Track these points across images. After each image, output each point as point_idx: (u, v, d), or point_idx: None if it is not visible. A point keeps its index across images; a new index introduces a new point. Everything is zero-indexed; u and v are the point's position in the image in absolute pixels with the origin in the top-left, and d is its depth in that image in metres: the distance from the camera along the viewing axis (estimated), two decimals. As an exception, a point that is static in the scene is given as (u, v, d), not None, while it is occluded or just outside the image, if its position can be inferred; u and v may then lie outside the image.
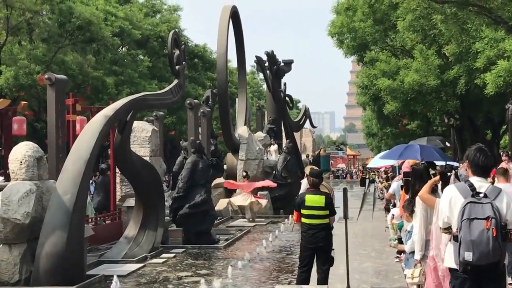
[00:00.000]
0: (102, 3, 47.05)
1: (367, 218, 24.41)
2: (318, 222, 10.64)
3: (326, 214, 10.69)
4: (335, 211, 10.98)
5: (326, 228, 10.76)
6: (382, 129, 57.88)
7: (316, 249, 10.69)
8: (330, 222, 10.87)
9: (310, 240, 10.65)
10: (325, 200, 10.71)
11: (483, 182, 6.16)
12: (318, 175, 11.19)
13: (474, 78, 26.61)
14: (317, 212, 10.63)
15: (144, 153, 18.74)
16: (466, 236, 5.81)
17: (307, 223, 10.70)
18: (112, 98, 35.75)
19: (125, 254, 15.61)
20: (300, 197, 10.96)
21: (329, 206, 10.74)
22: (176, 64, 18.63)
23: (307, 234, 10.70)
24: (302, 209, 10.71)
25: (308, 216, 10.66)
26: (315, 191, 10.89)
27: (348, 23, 34.05)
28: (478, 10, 16.48)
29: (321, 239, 10.63)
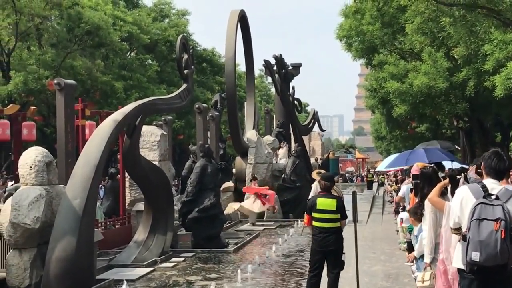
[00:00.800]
0: (110, 8, 47.22)
1: (377, 221, 24.38)
2: (329, 225, 10.61)
3: (337, 218, 10.65)
4: (346, 215, 10.93)
5: (337, 232, 10.71)
6: (391, 132, 57.75)
7: (326, 253, 10.65)
8: (341, 226, 10.81)
9: (321, 244, 10.62)
10: (337, 203, 10.67)
11: (496, 185, 6.17)
12: (330, 178, 11.16)
13: (483, 81, 26.53)
14: (328, 215, 10.60)
15: (153, 158, 18.75)
16: (474, 237, 5.83)
17: (318, 226, 10.67)
18: (121, 102, 35.90)
19: (134, 259, 15.64)
20: (312, 201, 10.93)
21: (340, 210, 10.69)
22: (184, 69, 18.68)
23: (318, 238, 10.67)
24: (313, 212, 10.68)
25: (319, 220, 10.64)
26: (326, 194, 10.86)
27: (357, 26, 34.01)
28: (487, 13, 16.43)
29: (332, 242, 10.59)
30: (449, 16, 17.24)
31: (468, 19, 16.74)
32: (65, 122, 16.11)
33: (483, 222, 5.79)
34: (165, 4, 59.89)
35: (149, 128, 19.98)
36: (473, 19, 16.72)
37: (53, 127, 35.16)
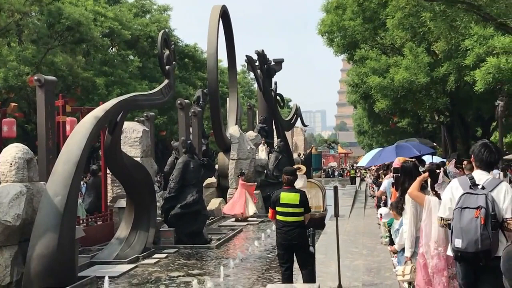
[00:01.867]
0: (91, 3, 46.97)
1: (359, 216, 24.47)
2: (293, 219, 10.72)
3: (301, 212, 10.76)
4: (309, 209, 11.08)
5: (301, 226, 10.81)
6: (373, 127, 58.07)
7: (292, 247, 10.75)
8: (305, 220, 10.90)
9: (285, 237, 10.73)
10: (300, 197, 10.79)
11: (484, 175, 6.34)
12: (292, 172, 11.29)
13: (464, 75, 26.72)
14: (292, 209, 10.71)
15: (135, 154, 18.70)
16: (456, 224, 6.07)
17: (282, 220, 10.77)
18: (102, 98, 35.72)
19: (116, 255, 15.58)
20: (275, 195, 11.04)
21: (304, 204, 10.82)
22: (166, 64, 18.62)
23: (281, 231, 10.79)
24: (277, 207, 10.80)
25: (283, 214, 10.74)
26: (290, 188, 10.98)
27: (338, 22, 34.11)
28: (467, 8, 16.48)
29: (295, 236, 10.69)
30: (429, 11, 17.29)
31: (448, 14, 16.78)
32: (45, 118, 16.03)
33: (465, 210, 6.03)
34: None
35: (131, 124, 19.92)
36: (453, 14, 16.76)
37: (34, 123, 34.95)
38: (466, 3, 16.27)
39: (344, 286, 10.91)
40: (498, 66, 22.25)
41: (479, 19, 16.98)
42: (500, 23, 16.33)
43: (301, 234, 10.81)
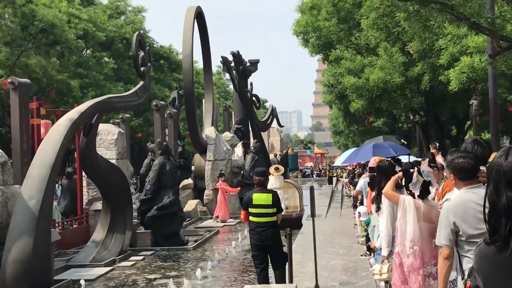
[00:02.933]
0: (65, 5, 46.66)
1: (335, 216, 24.53)
2: (266, 220, 10.76)
3: (273, 212, 10.81)
4: (282, 209, 11.13)
5: (274, 226, 10.86)
6: (348, 127, 58.25)
7: (266, 247, 10.78)
8: (278, 220, 10.94)
9: (259, 238, 10.76)
10: (272, 198, 10.85)
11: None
12: (263, 173, 11.37)
13: (438, 75, 26.91)
14: (264, 210, 10.75)
15: (110, 156, 18.63)
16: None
17: (255, 221, 10.80)
18: (77, 101, 35.49)
19: (93, 258, 15.51)
20: (247, 196, 11.06)
21: (276, 204, 10.88)
22: (141, 66, 18.57)
23: (255, 232, 10.82)
24: (250, 208, 10.83)
25: (256, 215, 10.78)
26: (262, 189, 11.03)
27: (313, 22, 34.17)
28: (441, 7, 16.56)
29: (269, 237, 10.73)
30: (403, 11, 17.33)
31: (422, 14, 16.85)
32: (20, 121, 15.92)
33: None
34: (121, 1, 59.42)
35: (106, 127, 19.84)
36: (427, 14, 16.83)
37: (8, 126, 34.67)
38: (440, 3, 16.36)
39: (321, 286, 10.93)
40: (471, 65, 22.43)
41: (452, 18, 17.06)
42: (473, 23, 16.42)
43: (275, 234, 10.85)
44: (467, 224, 5.14)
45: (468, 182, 5.38)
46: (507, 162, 2.69)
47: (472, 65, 22.44)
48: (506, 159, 2.70)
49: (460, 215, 5.18)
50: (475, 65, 22.46)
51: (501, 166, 2.69)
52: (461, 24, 17.82)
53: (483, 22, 16.44)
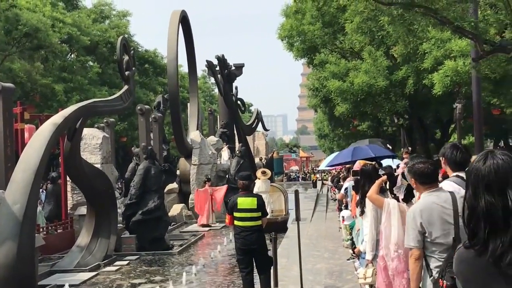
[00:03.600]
0: (49, 9, 46.48)
1: (320, 219, 24.56)
2: (251, 224, 10.76)
3: (258, 216, 10.81)
4: (267, 213, 11.13)
5: (259, 230, 10.86)
6: (333, 130, 58.32)
7: (250, 251, 10.77)
8: (263, 224, 10.93)
9: (244, 242, 10.76)
10: (257, 202, 10.84)
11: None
12: (248, 177, 11.34)
13: (422, 78, 27.03)
14: (249, 214, 10.74)
15: (95, 161, 18.56)
16: None
17: (240, 225, 10.80)
18: (61, 105, 35.36)
19: (77, 263, 15.45)
20: (232, 200, 11.05)
21: (261, 208, 10.87)
22: (125, 70, 18.53)
23: (240, 236, 10.82)
24: (235, 212, 10.81)
25: (241, 219, 10.77)
26: (247, 193, 11.00)
27: (298, 26, 34.25)
28: (424, 11, 16.64)
29: (254, 241, 10.74)
30: (387, 15, 17.42)
31: (406, 18, 16.94)
32: (4, 126, 15.80)
33: None
34: (106, 5, 59.25)
35: (91, 131, 19.77)
36: (411, 18, 16.92)
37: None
38: (423, 7, 16.44)
39: (306, 290, 10.95)
40: (455, 69, 22.58)
41: (436, 22, 17.15)
42: (457, 27, 16.51)
43: (260, 238, 10.85)
44: (433, 225, 5.38)
45: (428, 186, 5.63)
46: (485, 166, 2.71)
47: (456, 69, 22.58)
48: (485, 163, 2.72)
49: (426, 217, 5.40)
50: (459, 69, 22.61)
51: (480, 170, 2.72)
52: (444, 28, 17.90)
53: (467, 26, 16.53)
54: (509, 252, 2.57)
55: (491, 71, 19.61)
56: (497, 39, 18.03)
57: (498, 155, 2.73)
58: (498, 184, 2.66)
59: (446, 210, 5.45)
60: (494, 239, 2.61)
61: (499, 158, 2.71)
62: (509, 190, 2.64)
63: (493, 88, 28.42)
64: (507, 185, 2.66)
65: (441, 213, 5.37)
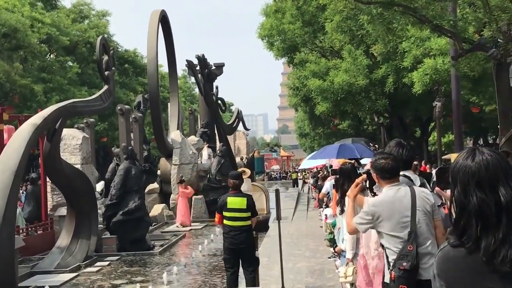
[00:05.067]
0: (28, 10, 46.16)
1: (302, 218, 24.60)
2: (240, 224, 10.72)
3: (248, 216, 10.77)
4: (256, 213, 11.10)
5: (248, 230, 10.83)
6: (314, 129, 58.53)
7: (239, 251, 10.74)
8: (252, 224, 10.91)
9: (232, 242, 10.72)
10: (247, 202, 10.79)
11: (413, 174, 6.58)
12: (238, 176, 11.28)
13: (402, 77, 27.19)
14: (239, 214, 10.70)
15: (75, 161, 18.46)
16: None
17: (229, 225, 10.75)
18: (41, 106, 35.11)
19: (58, 264, 15.36)
20: (222, 200, 11.00)
21: (251, 208, 10.82)
22: (105, 70, 18.45)
23: (229, 236, 10.77)
24: (224, 211, 10.77)
25: (230, 218, 10.73)
26: (236, 193, 10.94)
27: (278, 26, 34.34)
28: (403, 10, 16.72)
29: (242, 240, 10.70)
30: (367, 14, 17.49)
31: (385, 16, 17.01)
32: (-18, 127, 15.71)
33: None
34: (85, 5, 58.93)
35: (71, 131, 19.67)
36: (390, 17, 17.00)
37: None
38: (403, 6, 16.52)
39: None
40: (435, 67, 22.72)
41: (415, 21, 17.24)
42: (436, 25, 16.61)
43: (248, 238, 10.80)
44: (390, 219, 5.53)
45: (389, 181, 5.77)
46: (475, 163, 2.70)
47: (435, 67, 22.72)
48: (473, 160, 2.71)
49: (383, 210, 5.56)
50: (438, 67, 22.75)
51: (469, 167, 2.70)
52: (424, 27, 18.00)
53: (446, 24, 16.63)
54: (502, 249, 2.56)
55: (470, 69, 19.73)
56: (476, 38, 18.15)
57: (485, 152, 2.72)
58: (489, 181, 2.65)
59: (404, 204, 5.59)
60: (486, 236, 2.59)
61: (488, 154, 2.71)
62: (500, 186, 2.64)
63: (472, 87, 28.64)
64: (498, 181, 2.64)
65: (399, 207, 5.54)
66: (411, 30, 21.25)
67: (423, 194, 5.80)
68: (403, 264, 5.41)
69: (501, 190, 2.62)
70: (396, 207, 5.56)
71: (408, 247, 5.45)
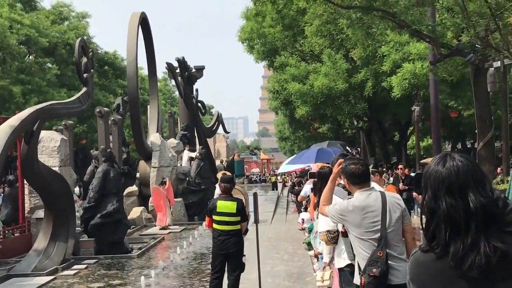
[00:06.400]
0: (6, 10, 45.80)
1: (280, 222, 24.63)
2: (229, 228, 10.62)
3: (237, 220, 10.67)
4: (247, 217, 10.99)
5: (238, 234, 10.73)
6: (294, 133, 58.66)
7: (227, 255, 10.67)
8: (242, 228, 10.83)
9: (222, 246, 10.62)
10: (237, 206, 10.66)
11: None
12: (230, 180, 11.17)
13: (381, 81, 27.35)
14: (228, 218, 10.60)
15: (53, 163, 18.35)
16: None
17: (218, 229, 10.66)
18: (19, 107, 34.88)
19: (35, 267, 15.25)
20: (212, 203, 10.89)
21: (240, 212, 10.71)
22: (84, 72, 18.38)
23: (218, 240, 10.67)
24: (213, 215, 10.65)
25: (220, 222, 10.63)
26: (227, 197, 10.84)
27: (258, 29, 34.41)
28: (383, 15, 16.84)
29: (232, 245, 10.61)
30: (346, 19, 17.59)
31: (364, 21, 17.13)
32: (-42, 128, 15.58)
33: None
34: (64, 6, 58.56)
35: (49, 133, 19.56)
36: (369, 21, 17.12)
37: None
38: (382, 11, 16.63)
39: (265, 292, 10.97)
40: (413, 71, 22.89)
41: (394, 26, 17.38)
42: (415, 30, 16.74)
43: (238, 243, 10.71)
44: (362, 224, 5.60)
45: (359, 186, 5.82)
46: (445, 169, 2.72)
47: (414, 72, 22.89)
48: (444, 165, 2.73)
49: (357, 216, 5.62)
50: (417, 71, 22.92)
51: (440, 172, 2.72)
52: (403, 32, 18.18)
53: (424, 29, 16.77)
54: (470, 255, 2.58)
55: (449, 74, 19.91)
56: (454, 43, 18.30)
57: (457, 157, 2.74)
58: (459, 186, 2.67)
59: (374, 208, 5.65)
60: (455, 241, 2.62)
61: (458, 160, 2.73)
62: (470, 192, 2.66)
63: (451, 91, 28.87)
64: (467, 187, 2.67)
65: (369, 212, 5.59)
66: (390, 34, 21.41)
67: (393, 199, 5.85)
68: (372, 271, 5.45)
69: (471, 196, 2.64)
70: (366, 212, 5.60)
71: (378, 252, 5.49)
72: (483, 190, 2.67)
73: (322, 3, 17.01)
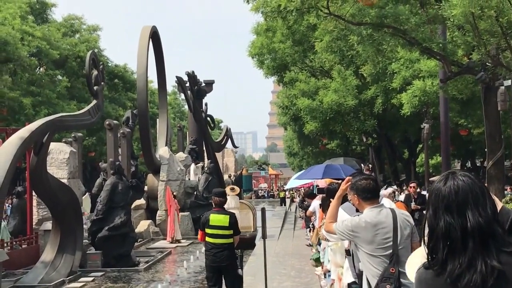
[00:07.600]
0: (18, 22, 46.04)
1: (288, 237, 24.55)
2: (222, 241, 10.66)
3: (230, 234, 10.71)
4: (239, 231, 11.04)
5: (230, 248, 10.76)
6: (303, 148, 58.60)
7: (220, 269, 10.69)
8: (235, 242, 10.86)
9: (214, 259, 10.67)
10: (230, 219, 10.72)
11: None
12: (222, 194, 11.24)
13: (391, 98, 27.28)
14: (221, 231, 10.65)
15: (62, 175, 18.38)
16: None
17: (211, 242, 10.71)
18: (29, 119, 35.03)
19: (41, 279, 15.23)
20: (205, 217, 10.93)
21: (233, 226, 10.76)
22: (94, 85, 18.43)
23: (210, 253, 10.73)
24: (206, 229, 10.71)
25: (212, 236, 10.67)
26: (220, 210, 10.89)
27: (268, 44, 34.44)
28: (393, 32, 16.82)
29: (224, 258, 10.64)
30: (356, 35, 17.56)
31: (375, 38, 17.09)
32: (-32, 139, 15.63)
33: None
34: (76, 19, 58.97)
35: (58, 145, 19.60)
36: (380, 38, 17.09)
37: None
38: (392, 28, 16.61)
39: (272, 308, 10.91)
40: (423, 89, 22.81)
41: (405, 43, 17.34)
42: (425, 48, 16.71)
43: (230, 256, 10.75)
44: (373, 240, 5.57)
45: (370, 202, 5.79)
46: (445, 187, 2.74)
47: (424, 89, 22.82)
48: (445, 184, 2.76)
49: (368, 233, 5.58)
50: (427, 89, 22.84)
51: (440, 190, 2.75)
52: (413, 49, 18.11)
53: (435, 47, 16.73)
54: (467, 273, 2.59)
55: (459, 92, 19.86)
56: (464, 61, 18.25)
57: (458, 176, 2.76)
58: (458, 205, 2.69)
59: (386, 225, 5.62)
60: (453, 260, 2.64)
61: (460, 179, 2.75)
62: (468, 211, 2.67)
63: (461, 109, 28.78)
64: (466, 206, 2.69)
65: (381, 228, 5.57)
66: (400, 51, 21.37)
67: (403, 216, 5.84)
68: (386, 287, 5.42)
69: (469, 215, 2.67)
70: (378, 229, 5.58)
71: (390, 269, 5.47)
72: (482, 210, 2.70)
73: (332, 19, 16.97)
